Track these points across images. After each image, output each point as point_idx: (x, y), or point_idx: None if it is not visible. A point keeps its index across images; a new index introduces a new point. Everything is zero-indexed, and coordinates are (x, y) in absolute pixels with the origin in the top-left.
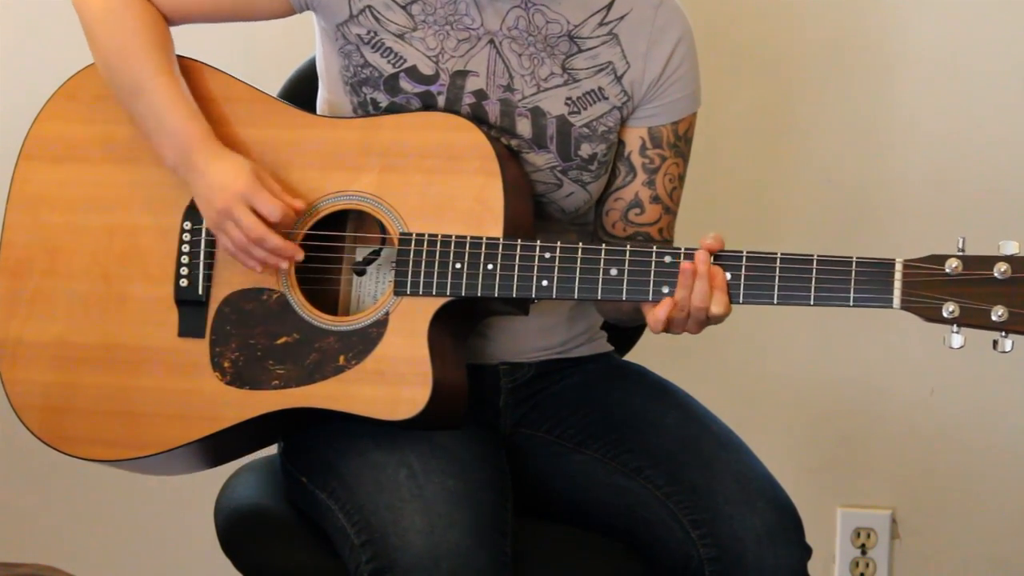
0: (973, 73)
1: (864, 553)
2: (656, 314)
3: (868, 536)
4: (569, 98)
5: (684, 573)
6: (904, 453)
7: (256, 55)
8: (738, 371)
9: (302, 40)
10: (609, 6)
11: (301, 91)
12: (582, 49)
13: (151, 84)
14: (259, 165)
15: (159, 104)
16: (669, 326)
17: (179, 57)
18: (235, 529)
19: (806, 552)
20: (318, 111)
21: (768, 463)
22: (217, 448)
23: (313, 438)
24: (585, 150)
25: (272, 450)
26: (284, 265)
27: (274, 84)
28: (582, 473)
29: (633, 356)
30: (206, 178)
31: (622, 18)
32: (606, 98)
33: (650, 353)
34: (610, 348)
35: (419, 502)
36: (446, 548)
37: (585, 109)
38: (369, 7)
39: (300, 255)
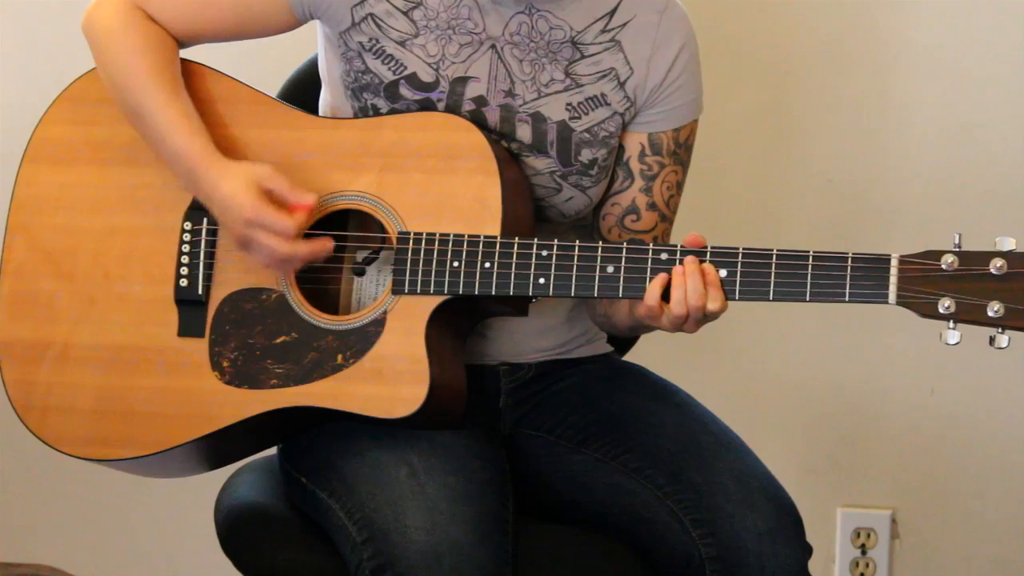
0: (969, 72)
1: (864, 553)
2: (651, 291)
3: (868, 536)
4: (570, 103)
5: (685, 572)
6: (904, 453)
7: (257, 56)
8: (738, 371)
9: (302, 41)
10: (612, 13)
11: (301, 92)
12: (584, 55)
13: (152, 106)
14: (261, 165)
15: (162, 128)
16: (668, 317)
17: (181, 60)
18: (235, 529)
19: (807, 551)
20: (320, 113)
21: (768, 463)
22: (216, 448)
23: (312, 438)
24: (585, 155)
25: (272, 450)
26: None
27: (274, 85)
28: (582, 473)
29: (633, 356)
30: (214, 203)
31: (625, 24)
32: (608, 104)
33: (650, 353)
34: (610, 349)
35: (420, 499)
36: (447, 545)
37: (587, 114)
38: (371, 15)
39: (330, 244)
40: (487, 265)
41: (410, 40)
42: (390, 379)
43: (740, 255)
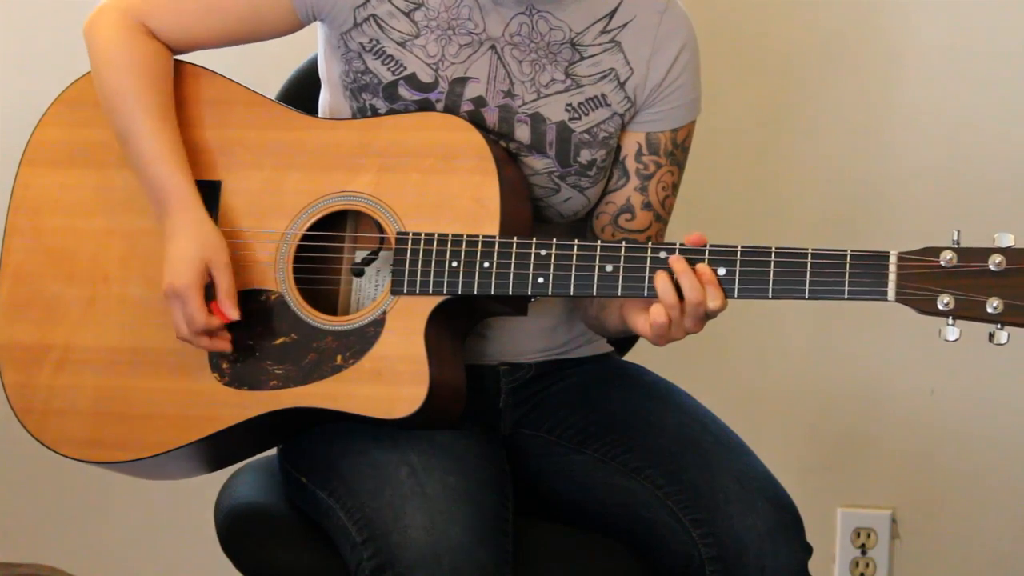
0: (969, 68)
1: (864, 553)
2: (653, 318)
3: (868, 536)
4: (569, 104)
5: (685, 573)
6: (904, 453)
7: (255, 57)
8: (738, 371)
9: (301, 42)
10: (612, 14)
11: (300, 92)
12: (584, 56)
13: (139, 129)
14: (221, 251)
15: (144, 152)
16: (670, 328)
17: (178, 61)
18: (235, 529)
19: (807, 551)
20: (320, 113)
21: (768, 463)
22: (216, 450)
23: (312, 438)
24: (584, 156)
25: (272, 450)
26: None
27: (273, 86)
28: (582, 473)
29: (633, 356)
30: (168, 249)
31: (625, 25)
32: (608, 104)
33: (650, 353)
34: (610, 349)
35: (420, 499)
36: (447, 545)
37: (586, 115)
38: (374, 15)
39: (228, 349)
40: (486, 265)
41: (410, 41)
42: (390, 379)
43: (739, 253)
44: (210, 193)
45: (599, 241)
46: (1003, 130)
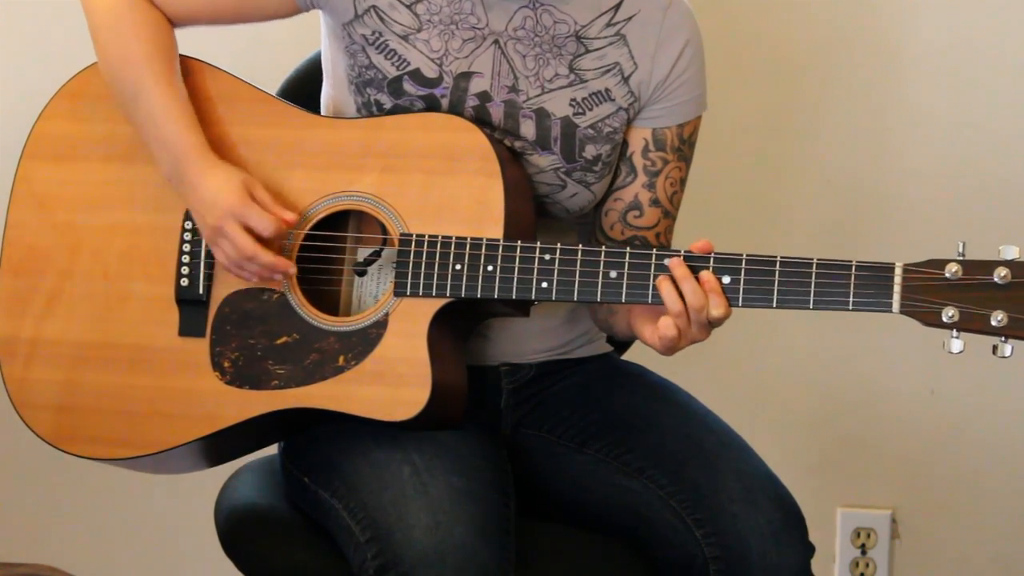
0: (974, 76)
1: (864, 553)
2: (662, 331)
3: (868, 536)
4: (574, 99)
5: (688, 572)
6: (904, 453)
7: (258, 52)
8: (738, 371)
9: (304, 37)
10: (617, 7)
11: (302, 89)
12: (589, 50)
13: (149, 92)
14: (251, 175)
15: (156, 113)
16: (679, 340)
17: (181, 57)
18: (236, 529)
19: (809, 550)
20: (322, 108)
21: (768, 463)
22: (217, 448)
23: (314, 438)
24: (590, 151)
25: (272, 450)
26: (278, 278)
27: (275, 82)
28: (584, 473)
29: (633, 356)
30: (198, 192)
31: (630, 19)
32: (612, 99)
33: (650, 353)
34: (610, 348)
35: (424, 499)
36: (451, 544)
37: (591, 110)
38: (374, 7)
39: (292, 269)
40: (489, 268)
41: (413, 35)
42: (392, 381)
43: (744, 262)
44: None
45: (603, 246)
46: (1009, 137)
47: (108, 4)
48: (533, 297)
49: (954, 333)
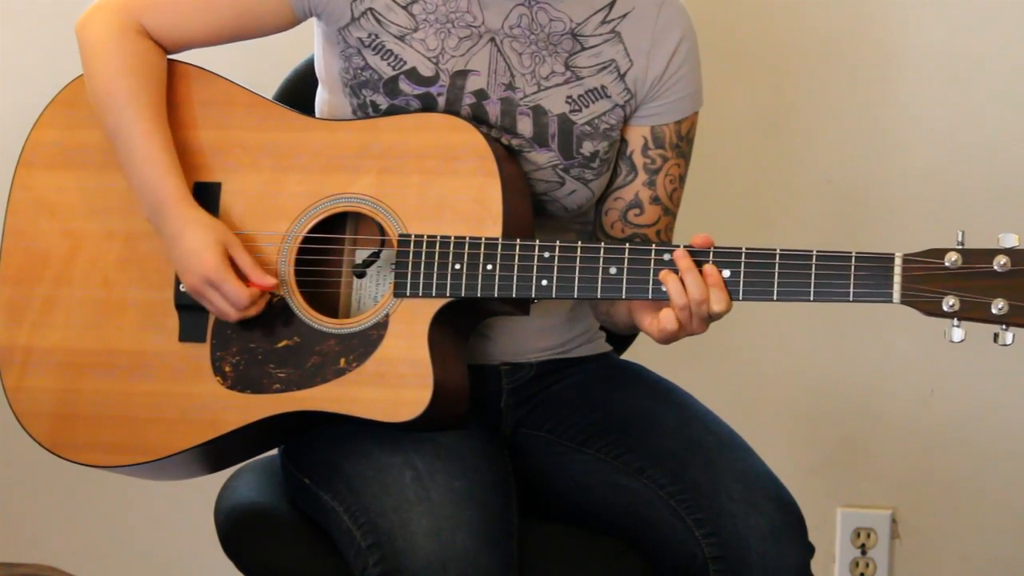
0: (971, 70)
1: (864, 553)
2: (663, 324)
3: (868, 536)
4: (570, 96)
5: (688, 572)
6: (904, 453)
7: (253, 57)
8: (738, 371)
9: (299, 41)
10: (611, 4)
11: (298, 92)
12: (585, 47)
13: (131, 130)
14: (228, 231)
15: (136, 154)
16: (678, 330)
17: (176, 62)
18: (236, 529)
19: (809, 550)
20: (317, 112)
21: (768, 463)
22: (219, 453)
23: (315, 439)
24: (587, 148)
25: (272, 450)
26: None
27: (271, 85)
28: (584, 473)
29: (633, 356)
30: (177, 246)
31: (625, 16)
32: (608, 96)
33: (650, 353)
34: (609, 348)
35: (425, 504)
36: (453, 550)
37: (587, 107)
38: (371, 9)
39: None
40: (489, 267)
41: (409, 35)
42: (393, 383)
43: (743, 255)
44: (209, 195)
45: (602, 243)
46: (1005, 129)
47: (99, 34)
48: (533, 295)
49: (955, 322)
